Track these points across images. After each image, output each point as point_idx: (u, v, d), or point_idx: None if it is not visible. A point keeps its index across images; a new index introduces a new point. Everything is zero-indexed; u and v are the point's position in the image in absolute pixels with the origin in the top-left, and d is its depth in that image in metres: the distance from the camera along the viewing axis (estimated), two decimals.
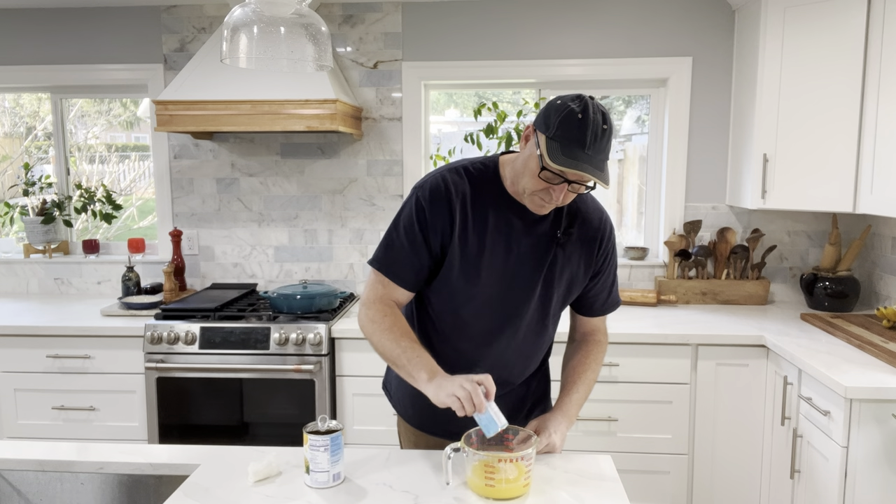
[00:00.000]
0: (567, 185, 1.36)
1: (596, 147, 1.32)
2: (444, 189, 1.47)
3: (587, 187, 1.39)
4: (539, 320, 1.58)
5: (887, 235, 2.92)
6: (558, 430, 1.52)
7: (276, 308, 2.82)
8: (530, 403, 1.71)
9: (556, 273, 1.53)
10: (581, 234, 1.54)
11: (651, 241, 3.34)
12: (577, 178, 1.34)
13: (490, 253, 1.48)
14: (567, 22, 3.15)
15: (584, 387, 1.61)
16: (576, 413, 1.59)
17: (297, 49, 1.48)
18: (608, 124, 1.33)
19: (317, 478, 1.40)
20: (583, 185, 1.37)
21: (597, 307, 1.66)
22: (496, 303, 1.51)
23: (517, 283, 1.51)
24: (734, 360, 2.61)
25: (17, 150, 3.72)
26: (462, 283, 1.49)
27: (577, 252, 1.55)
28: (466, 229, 1.47)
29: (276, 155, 3.31)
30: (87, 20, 3.29)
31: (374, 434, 2.78)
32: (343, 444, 1.42)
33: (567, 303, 1.62)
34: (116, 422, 2.85)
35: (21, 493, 1.55)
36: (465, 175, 1.50)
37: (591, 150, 1.31)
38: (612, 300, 1.68)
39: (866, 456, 2.03)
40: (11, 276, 3.47)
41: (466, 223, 1.47)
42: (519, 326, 1.55)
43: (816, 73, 2.63)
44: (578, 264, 1.56)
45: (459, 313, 1.53)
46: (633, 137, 3.41)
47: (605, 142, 1.33)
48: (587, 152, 1.31)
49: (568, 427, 1.56)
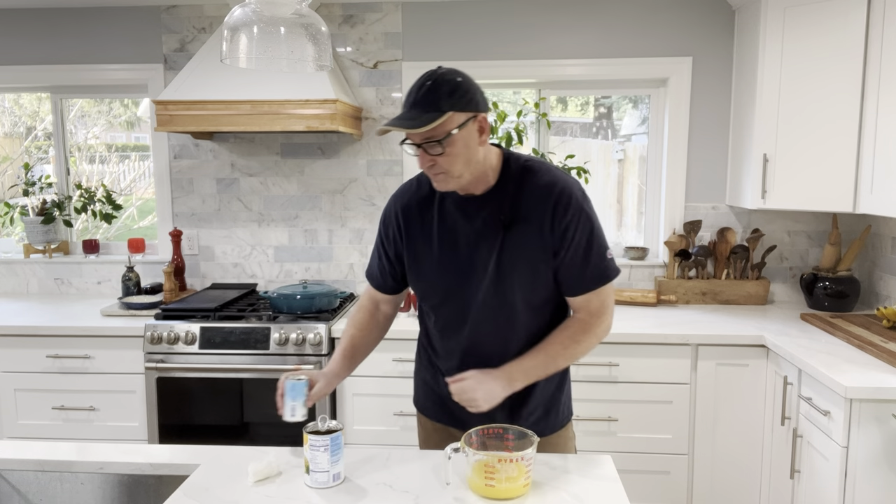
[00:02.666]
0: (420, 149, 1.44)
1: (412, 103, 1.42)
2: (393, 202, 1.65)
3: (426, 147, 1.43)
4: (503, 305, 1.54)
5: (887, 235, 2.92)
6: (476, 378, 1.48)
7: (276, 308, 2.82)
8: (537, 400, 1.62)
9: (508, 256, 1.51)
10: (528, 213, 1.50)
11: (651, 241, 3.34)
12: (414, 137, 1.42)
13: (440, 250, 1.57)
14: (567, 22, 3.15)
15: (540, 355, 1.53)
16: (519, 377, 1.51)
17: (297, 49, 1.48)
18: (434, 80, 1.41)
19: (317, 478, 1.40)
20: (428, 145, 1.42)
21: (572, 284, 1.53)
22: (456, 295, 1.57)
23: (471, 273, 1.55)
24: (734, 360, 2.61)
25: (17, 150, 3.72)
26: (421, 282, 1.62)
27: (529, 231, 1.50)
28: (413, 234, 1.60)
29: (276, 155, 3.31)
30: (87, 20, 3.29)
31: (374, 434, 2.78)
32: (343, 444, 1.42)
33: (539, 283, 1.54)
34: (116, 422, 2.85)
35: (21, 493, 1.55)
36: (416, 182, 1.64)
37: (411, 108, 1.42)
38: (589, 276, 1.52)
39: (866, 456, 2.03)
40: (11, 276, 3.47)
41: (412, 227, 1.60)
42: (482, 314, 1.55)
43: (816, 74, 2.63)
44: (533, 243, 1.50)
45: (432, 307, 1.64)
46: (634, 137, 3.41)
47: (423, 94, 1.41)
48: (408, 112, 1.42)
49: (501, 387, 1.48)
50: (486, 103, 1.49)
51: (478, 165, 1.48)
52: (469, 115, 1.43)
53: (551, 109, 3.32)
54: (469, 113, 1.43)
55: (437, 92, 1.40)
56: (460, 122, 1.42)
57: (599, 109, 3.44)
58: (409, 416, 2.75)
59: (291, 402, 1.52)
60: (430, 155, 1.44)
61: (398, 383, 2.72)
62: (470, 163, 1.46)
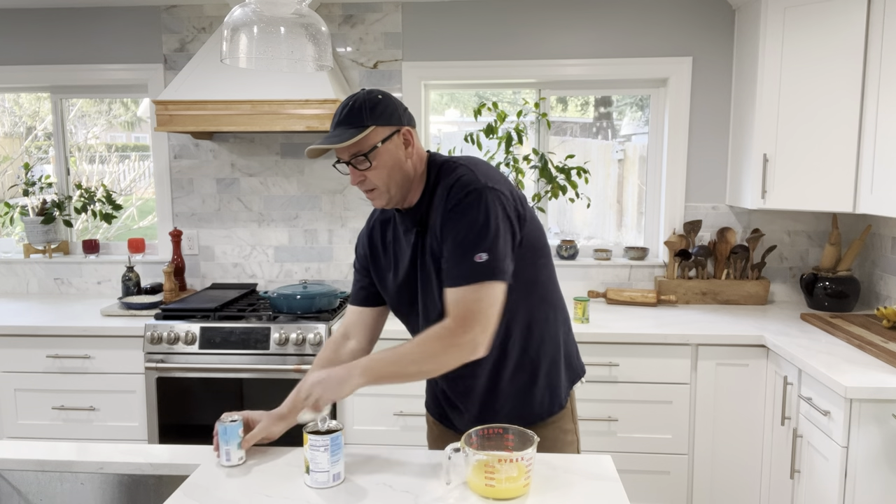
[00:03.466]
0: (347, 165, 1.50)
1: (337, 123, 1.48)
2: (365, 224, 1.73)
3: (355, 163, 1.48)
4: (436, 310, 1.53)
5: (887, 235, 2.92)
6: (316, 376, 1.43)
7: (276, 308, 2.82)
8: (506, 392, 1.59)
9: (424, 263, 1.53)
10: (434, 215, 1.51)
11: (651, 241, 3.34)
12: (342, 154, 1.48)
13: (393, 268, 1.63)
14: (567, 22, 3.15)
15: (389, 352, 1.44)
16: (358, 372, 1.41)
17: (297, 49, 1.49)
18: (355, 99, 1.47)
19: (317, 478, 1.39)
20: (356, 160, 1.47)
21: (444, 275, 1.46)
22: (411, 308, 1.62)
23: (412, 285, 1.59)
24: (734, 360, 2.61)
25: (17, 150, 3.72)
26: (388, 299, 1.68)
27: (433, 233, 1.50)
28: (376, 254, 1.67)
29: (276, 155, 3.31)
30: (87, 20, 3.29)
31: (374, 434, 2.78)
32: (343, 443, 1.42)
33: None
34: (116, 422, 2.85)
35: (21, 493, 1.55)
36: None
37: (336, 127, 1.48)
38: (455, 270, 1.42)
39: (866, 456, 2.03)
40: (11, 276, 3.47)
41: (375, 248, 1.67)
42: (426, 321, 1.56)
43: (816, 73, 2.63)
44: (435, 243, 1.49)
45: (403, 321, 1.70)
46: (634, 137, 3.41)
47: (346, 113, 1.47)
48: (334, 131, 1.48)
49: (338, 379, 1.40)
50: (410, 119, 1.53)
51: (406, 178, 1.52)
52: (392, 128, 1.48)
53: (551, 109, 3.32)
54: (392, 127, 1.48)
55: (359, 110, 1.46)
56: (384, 135, 1.47)
57: (600, 110, 3.45)
58: (409, 416, 2.75)
59: (225, 445, 1.49)
60: (359, 171, 1.48)
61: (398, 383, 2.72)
62: (397, 176, 1.50)
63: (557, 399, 1.64)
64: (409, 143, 1.51)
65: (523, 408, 1.62)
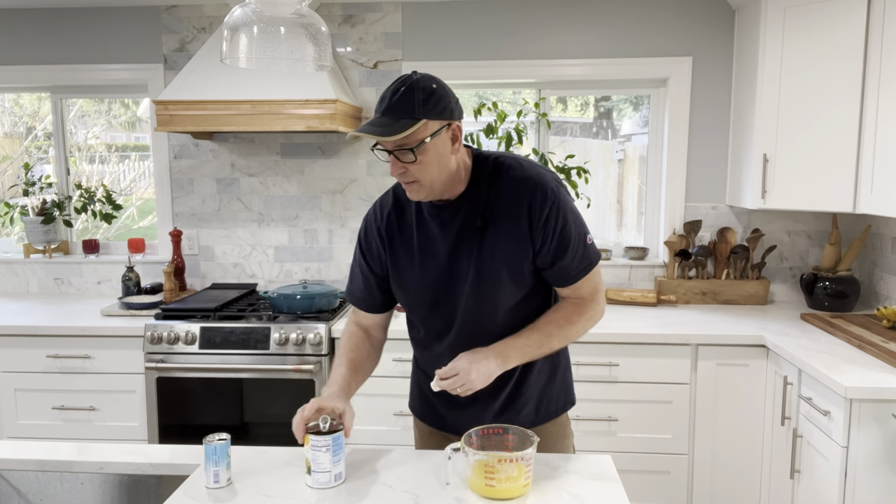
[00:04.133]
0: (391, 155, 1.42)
1: (385, 108, 1.40)
2: (372, 217, 1.62)
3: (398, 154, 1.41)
4: (486, 308, 1.53)
5: (887, 235, 2.92)
6: (468, 358, 1.45)
7: (276, 308, 2.82)
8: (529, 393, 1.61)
9: (487, 259, 1.50)
10: (503, 212, 1.49)
11: (651, 241, 3.34)
12: (386, 143, 1.41)
13: (420, 261, 1.55)
14: (567, 22, 3.15)
15: (534, 334, 1.50)
16: (514, 354, 1.48)
17: (297, 49, 1.48)
18: (408, 85, 1.39)
19: (318, 478, 1.39)
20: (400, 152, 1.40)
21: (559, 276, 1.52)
22: (441, 304, 1.56)
23: (453, 280, 1.54)
24: (734, 360, 2.61)
25: (17, 150, 3.72)
26: (407, 295, 1.60)
27: (505, 230, 1.49)
28: (395, 247, 1.58)
29: (276, 155, 3.31)
30: (87, 20, 3.29)
31: (374, 434, 2.78)
32: (344, 443, 1.42)
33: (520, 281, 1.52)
34: (116, 422, 2.85)
35: (21, 493, 1.55)
36: (392, 195, 1.61)
37: (384, 114, 1.40)
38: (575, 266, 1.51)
39: (866, 456, 2.03)
40: (11, 276, 3.47)
41: (394, 241, 1.58)
42: (466, 318, 1.54)
43: (816, 73, 2.63)
44: (510, 242, 1.49)
45: (420, 319, 1.62)
46: (634, 137, 3.41)
47: (396, 100, 1.39)
48: (381, 118, 1.40)
49: (496, 364, 1.45)
50: (460, 111, 1.47)
51: (449, 173, 1.46)
52: (443, 123, 1.41)
53: (551, 109, 3.32)
54: (443, 121, 1.41)
55: (412, 98, 1.38)
56: (433, 130, 1.40)
57: (599, 109, 3.45)
58: (409, 416, 2.75)
59: (214, 467, 1.38)
60: (401, 162, 1.41)
61: (398, 383, 2.72)
62: (442, 171, 1.44)
63: (571, 396, 1.70)
64: (457, 139, 1.45)
65: (539, 408, 1.63)
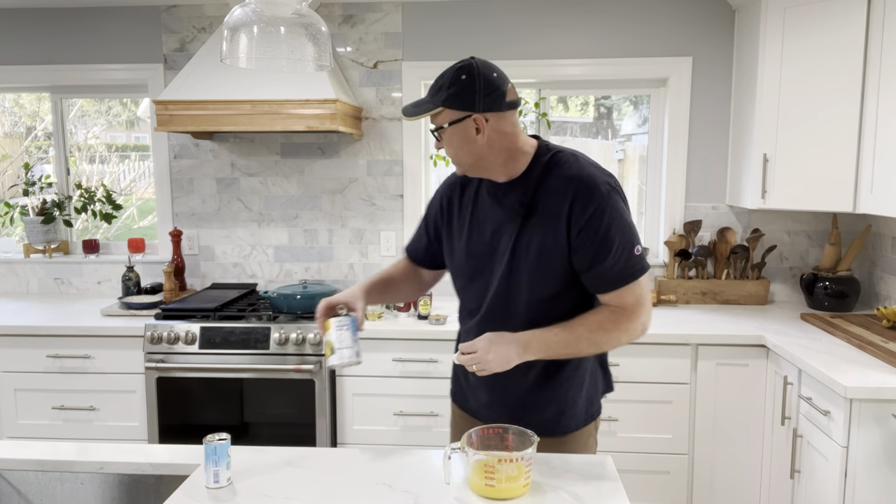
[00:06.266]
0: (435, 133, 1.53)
1: (429, 87, 1.50)
2: (442, 185, 1.72)
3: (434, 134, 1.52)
4: (512, 294, 1.54)
5: (887, 235, 2.92)
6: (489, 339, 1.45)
7: (276, 308, 2.82)
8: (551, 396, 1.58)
9: (523, 245, 1.51)
10: (547, 204, 1.50)
11: (651, 241, 3.34)
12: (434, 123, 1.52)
13: (468, 234, 1.61)
14: (567, 22, 3.15)
15: (563, 332, 1.48)
16: (536, 346, 1.47)
17: (297, 49, 1.49)
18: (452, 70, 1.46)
19: (343, 353, 1.51)
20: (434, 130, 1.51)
21: (597, 282, 1.50)
22: (477, 279, 1.61)
23: (491, 258, 1.58)
24: (734, 360, 2.61)
25: (17, 150, 3.72)
26: (452, 262, 1.68)
27: (545, 222, 1.49)
28: (452, 215, 1.66)
29: (276, 155, 3.31)
30: (87, 20, 3.29)
31: (374, 434, 2.78)
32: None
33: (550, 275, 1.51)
34: (116, 422, 2.85)
35: (21, 493, 1.55)
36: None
37: (427, 93, 1.51)
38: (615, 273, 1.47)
39: (866, 456, 2.03)
40: (11, 276, 3.47)
41: (452, 209, 1.66)
42: (494, 301, 1.57)
43: (816, 73, 2.63)
44: (546, 237, 1.49)
45: (459, 289, 1.70)
46: (634, 137, 3.41)
47: (435, 81, 1.49)
48: (420, 98, 1.53)
49: (516, 352, 1.45)
50: (490, 104, 1.45)
51: (481, 158, 1.51)
52: (463, 113, 1.46)
53: (551, 109, 3.32)
54: (463, 112, 1.46)
55: (441, 85, 1.47)
56: (452, 118, 1.47)
57: (600, 109, 3.45)
58: (409, 416, 2.75)
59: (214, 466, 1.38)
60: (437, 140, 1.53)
61: (398, 383, 2.72)
62: (468, 156, 1.51)
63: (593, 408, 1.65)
64: (481, 130, 1.47)
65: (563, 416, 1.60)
